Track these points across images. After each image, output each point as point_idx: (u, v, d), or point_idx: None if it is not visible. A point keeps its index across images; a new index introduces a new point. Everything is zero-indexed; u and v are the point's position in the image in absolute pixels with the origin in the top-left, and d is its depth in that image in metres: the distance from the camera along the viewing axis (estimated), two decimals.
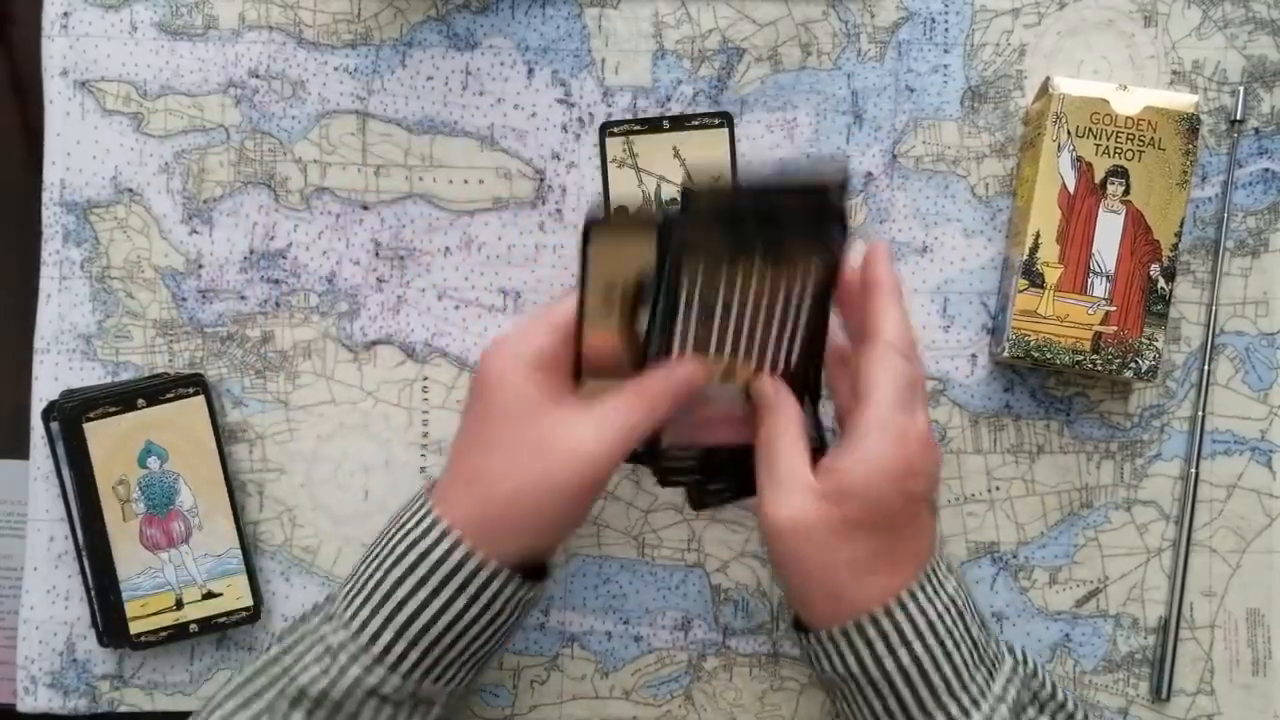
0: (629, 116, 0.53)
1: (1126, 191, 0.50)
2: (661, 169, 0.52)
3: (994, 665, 0.42)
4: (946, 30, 0.54)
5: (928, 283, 0.54)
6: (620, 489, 0.53)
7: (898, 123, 0.54)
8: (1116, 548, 0.53)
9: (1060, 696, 0.44)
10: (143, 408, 0.50)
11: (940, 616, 0.41)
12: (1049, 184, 0.50)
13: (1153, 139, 0.50)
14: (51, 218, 0.53)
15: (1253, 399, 0.54)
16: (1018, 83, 0.54)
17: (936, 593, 0.42)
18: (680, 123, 0.52)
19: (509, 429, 0.42)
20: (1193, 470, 0.53)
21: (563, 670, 0.53)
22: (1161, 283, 0.50)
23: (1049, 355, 0.50)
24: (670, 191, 0.52)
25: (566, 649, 0.53)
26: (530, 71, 0.53)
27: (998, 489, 0.53)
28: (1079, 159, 0.50)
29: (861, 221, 0.54)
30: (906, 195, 0.54)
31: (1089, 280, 0.50)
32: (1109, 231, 0.50)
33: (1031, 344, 0.50)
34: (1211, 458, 0.53)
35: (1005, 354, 0.50)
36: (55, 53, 0.53)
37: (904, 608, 0.41)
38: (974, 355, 0.53)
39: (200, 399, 0.51)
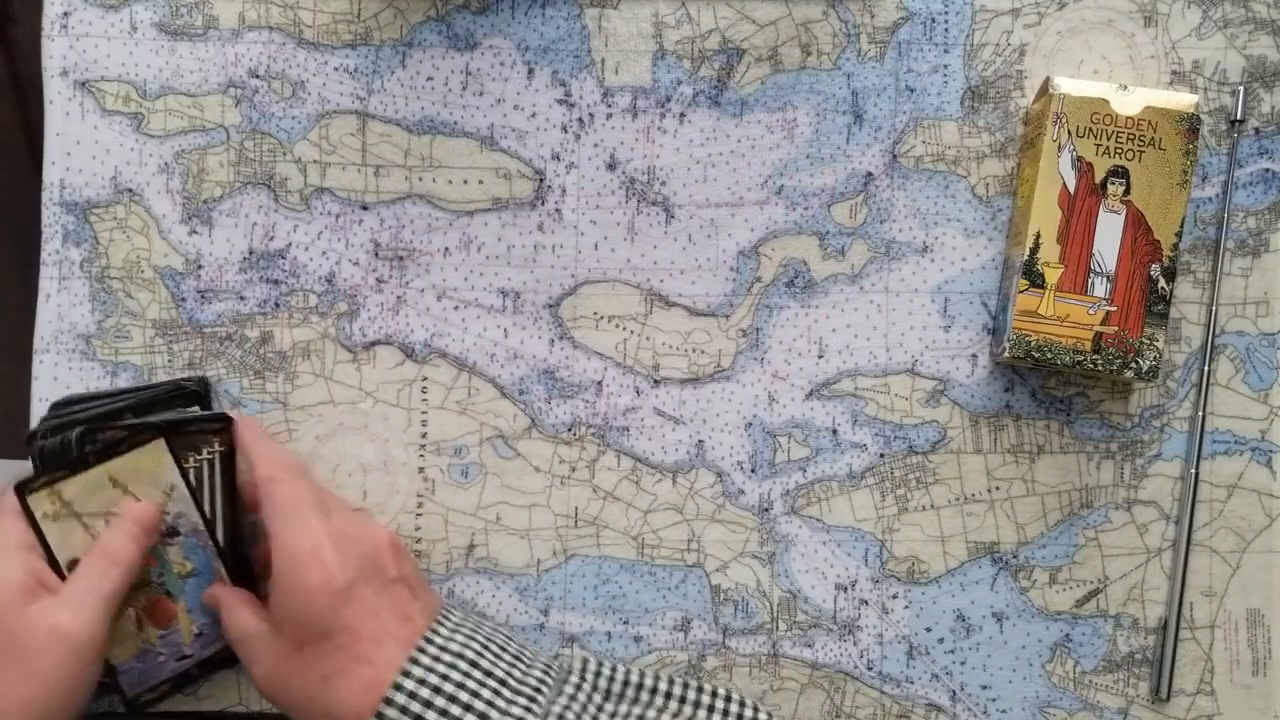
0: (40, 472, 0.47)
1: (1127, 191, 0.50)
2: (103, 504, 0.47)
3: (536, 690, 0.43)
4: (946, 30, 0.54)
5: (928, 283, 0.54)
6: (620, 489, 0.53)
7: (898, 123, 0.54)
8: (1117, 548, 0.53)
9: (637, 678, 0.45)
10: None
11: (444, 679, 0.42)
12: (1050, 184, 0.50)
13: (1153, 139, 0.50)
14: (51, 218, 0.53)
15: (1253, 399, 0.53)
16: (1018, 83, 0.54)
17: (435, 660, 0.42)
18: (108, 451, 0.47)
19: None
20: (1193, 470, 0.53)
21: None
22: (1162, 283, 0.50)
23: (1050, 355, 0.50)
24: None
25: (566, 649, 0.53)
26: (530, 72, 0.53)
27: (998, 489, 0.53)
28: (1079, 159, 0.50)
29: (861, 222, 0.54)
30: (907, 195, 0.54)
31: (1089, 280, 0.50)
32: (1109, 231, 0.50)
33: (1032, 344, 0.50)
34: (1212, 458, 0.53)
35: (1006, 354, 0.50)
36: (55, 53, 0.53)
37: (391, 700, 0.41)
38: (974, 355, 0.53)
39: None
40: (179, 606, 0.49)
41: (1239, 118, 0.53)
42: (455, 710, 0.41)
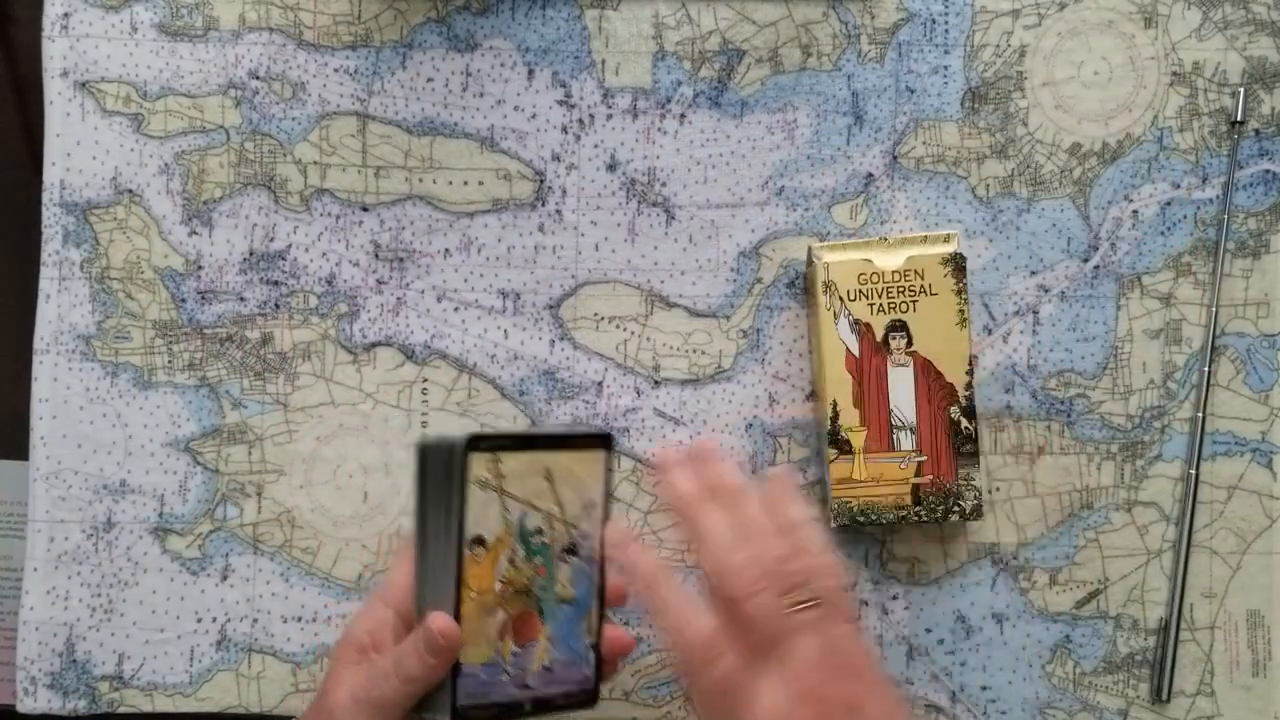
0: (499, 431, 0.48)
1: (910, 343, 0.50)
2: (529, 493, 0.44)
3: None
4: (947, 31, 0.54)
5: None
6: (620, 489, 0.53)
7: (898, 124, 0.54)
8: (1117, 549, 0.53)
9: None
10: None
11: None
12: (835, 353, 0.51)
13: (922, 286, 0.50)
14: (51, 218, 0.53)
15: (1253, 400, 0.53)
16: (1018, 84, 0.54)
17: None
18: (556, 442, 0.45)
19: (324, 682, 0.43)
20: (1193, 471, 0.53)
21: None
22: (964, 422, 0.50)
23: (874, 516, 0.51)
24: (535, 520, 0.44)
25: None
26: (530, 73, 0.53)
27: (998, 490, 0.53)
28: (857, 322, 0.51)
29: (862, 223, 0.54)
30: (907, 196, 0.54)
31: (894, 436, 0.50)
32: (902, 384, 0.51)
33: (855, 509, 0.51)
34: (1212, 459, 0.53)
35: (833, 524, 0.51)
36: (55, 53, 0.53)
37: None
38: (973, 356, 0.53)
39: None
40: (543, 630, 0.44)
41: (1239, 119, 0.53)
42: None
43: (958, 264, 0.50)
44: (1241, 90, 0.53)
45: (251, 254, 0.53)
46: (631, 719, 0.53)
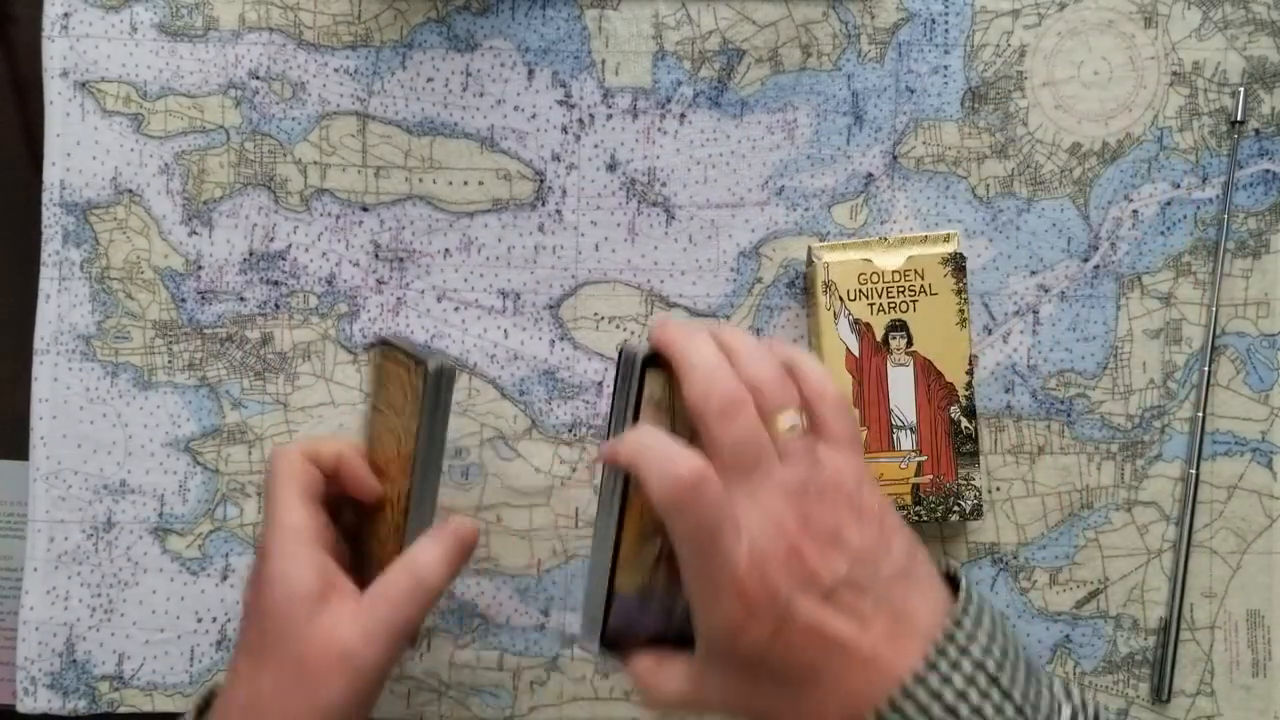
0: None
1: (910, 343, 0.50)
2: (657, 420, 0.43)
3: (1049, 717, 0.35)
4: (947, 31, 0.54)
5: None
6: None
7: (898, 123, 0.54)
8: (1117, 549, 0.53)
9: None
10: None
11: (960, 696, 0.34)
12: (835, 353, 0.50)
13: (923, 286, 0.50)
14: (51, 218, 0.53)
15: (1253, 400, 0.54)
16: (1018, 83, 0.54)
17: (952, 668, 0.35)
18: None
19: (279, 645, 0.39)
20: (1193, 471, 0.53)
21: (563, 671, 0.53)
22: (964, 422, 0.50)
23: None
24: None
25: (566, 650, 0.53)
26: (530, 73, 0.53)
27: (998, 489, 0.53)
28: (856, 322, 0.50)
29: (862, 223, 0.54)
30: (907, 196, 0.54)
31: (894, 436, 0.50)
32: (902, 384, 0.50)
33: None
34: (1212, 459, 0.53)
35: None
36: (55, 53, 0.53)
37: (912, 696, 0.34)
38: (973, 355, 0.53)
39: None
40: None
41: (1239, 119, 0.53)
42: None
43: (958, 264, 0.50)
44: (1241, 90, 0.53)
45: (251, 254, 0.53)
46: (631, 719, 0.53)
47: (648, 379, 0.40)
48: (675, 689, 0.39)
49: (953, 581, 0.38)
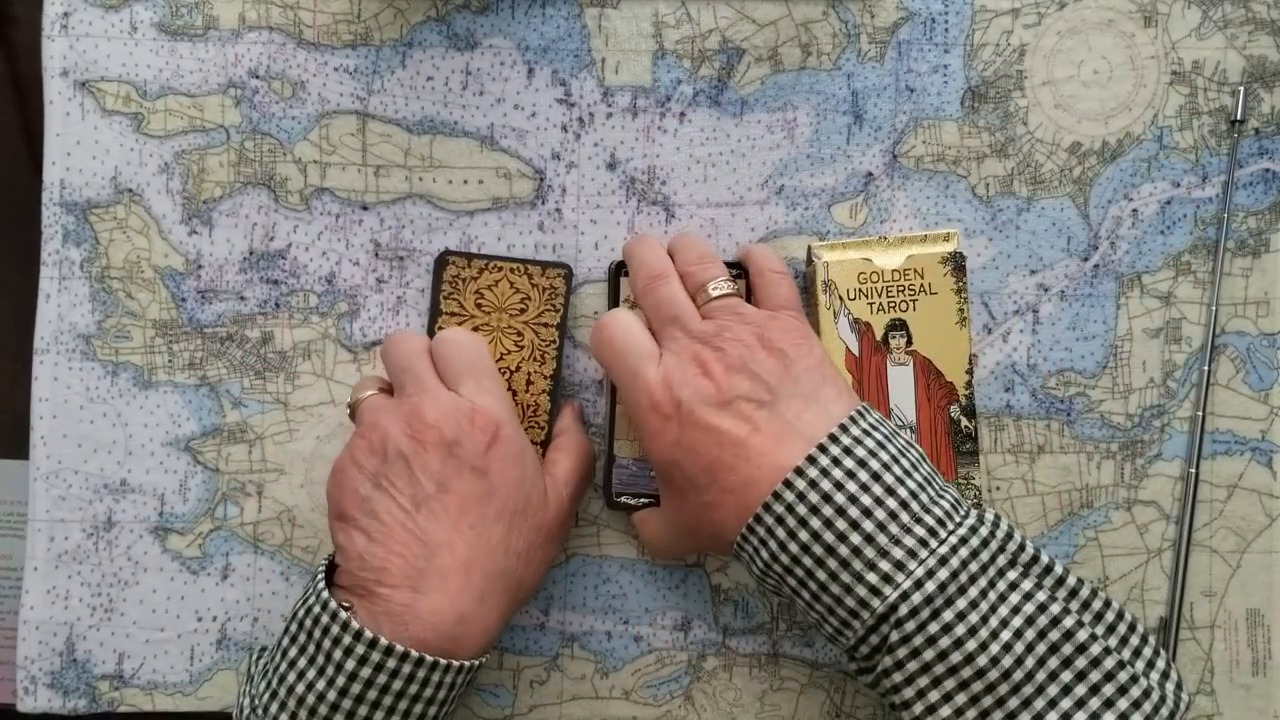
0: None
1: (909, 342, 0.50)
2: None
3: (939, 523, 0.40)
4: (946, 30, 0.54)
5: None
6: None
7: (898, 123, 0.54)
8: (1117, 548, 0.53)
9: (1046, 561, 0.41)
10: None
11: (838, 487, 0.40)
12: (835, 352, 0.51)
13: (922, 286, 0.50)
14: (51, 218, 0.53)
15: (1253, 399, 0.54)
16: (1018, 83, 0.54)
17: (834, 463, 0.41)
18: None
19: (534, 525, 0.46)
20: (1193, 470, 0.53)
21: (562, 670, 0.53)
22: (964, 421, 0.50)
23: None
24: None
25: (566, 649, 0.53)
26: (530, 71, 0.53)
27: (998, 489, 0.53)
28: (856, 321, 0.50)
29: (862, 223, 0.54)
30: (907, 195, 0.54)
31: None
32: (902, 384, 0.50)
33: None
34: (1212, 458, 0.53)
35: None
36: (55, 53, 0.53)
37: (774, 500, 0.41)
38: (973, 355, 0.53)
39: None
40: None
41: (1239, 118, 0.53)
42: (841, 523, 0.40)
43: (957, 263, 0.50)
44: (1241, 89, 0.53)
45: (251, 253, 0.53)
46: (631, 718, 0.53)
47: (622, 284, 0.52)
48: (653, 530, 0.49)
49: None
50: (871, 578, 0.39)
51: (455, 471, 0.43)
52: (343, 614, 0.41)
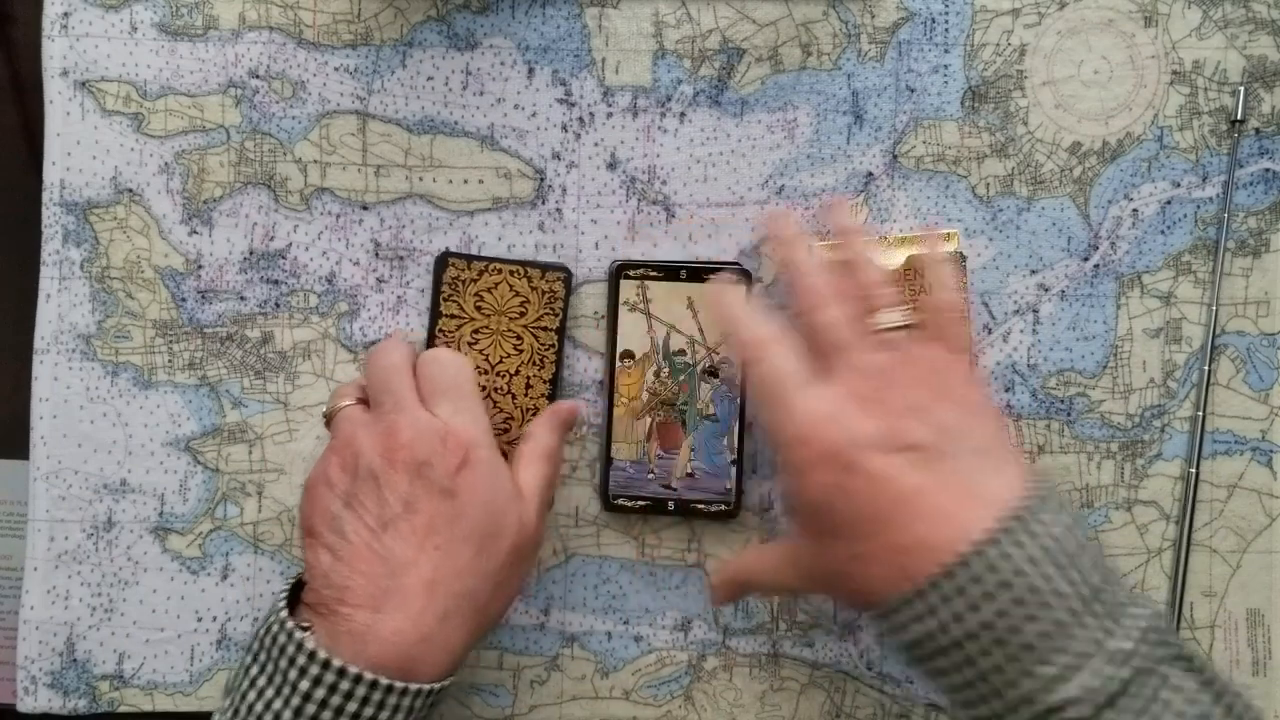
0: (645, 260, 0.52)
1: None
2: (673, 317, 0.52)
3: (1113, 621, 0.36)
4: (947, 30, 0.54)
5: None
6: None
7: (898, 123, 0.54)
8: (1117, 547, 0.53)
9: (1199, 662, 0.37)
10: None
11: (1034, 561, 0.36)
12: None
13: (923, 286, 0.50)
14: (51, 218, 0.53)
15: (1253, 399, 0.54)
16: (1018, 83, 0.54)
17: (1031, 536, 0.36)
18: (697, 274, 0.52)
19: (505, 547, 0.44)
20: (1193, 470, 0.53)
21: (562, 670, 0.53)
22: None
23: None
24: (679, 342, 0.52)
25: (566, 649, 0.53)
26: (530, 71, 0.53)
27: None
28: None
29: (863, 222, 0.54)
30: (907, 195, 0.54)
31: None
32: None
33: None
34: (1212, 458, 0.53)
35: None
36: (55, 53, 0.53)
37: (981, 556, 0.36)
38: (973, 355, 0.53)
39: None
40: (685, 440, 0.51)
41: (1239, 118, 0.53)
42: (1018, 612, 0.35)
43: (960, 263, 0.50)
44: (1241, 89, 0.53)
45: (251, 253, 0.53)
46: (631, 718, 0.53)
47: (622, 285, 0.52)
48: (772, 568, 0.45)
49: None
50: (1043, 672, 0.35)
51: (424, 492, 0.42)
52: (298, 634, 0.40)
